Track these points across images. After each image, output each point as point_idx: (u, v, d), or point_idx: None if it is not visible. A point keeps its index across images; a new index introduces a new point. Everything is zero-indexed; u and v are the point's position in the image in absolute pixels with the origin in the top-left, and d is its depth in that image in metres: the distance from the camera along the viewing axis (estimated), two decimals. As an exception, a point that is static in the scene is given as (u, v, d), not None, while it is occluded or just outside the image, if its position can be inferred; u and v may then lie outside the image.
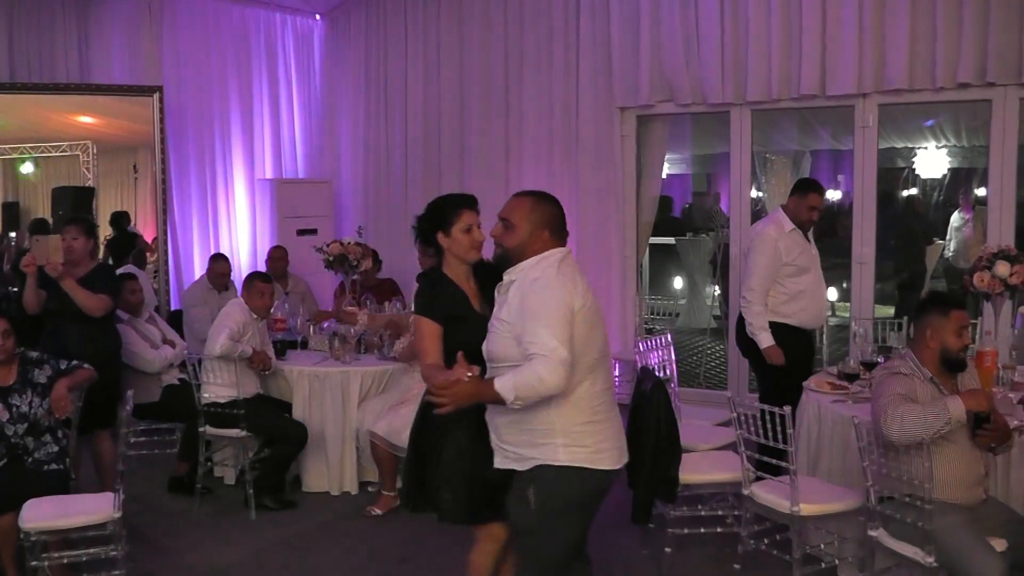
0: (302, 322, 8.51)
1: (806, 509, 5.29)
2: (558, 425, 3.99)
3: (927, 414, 4.56)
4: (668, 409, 5.65)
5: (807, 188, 7.23)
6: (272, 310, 7.88)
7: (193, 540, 6.79)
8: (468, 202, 4.63)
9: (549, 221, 4.10)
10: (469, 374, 3.92)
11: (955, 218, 13.75)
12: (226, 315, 7.53)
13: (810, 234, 7.26)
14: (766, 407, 5.33)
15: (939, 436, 4.60)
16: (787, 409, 5.20)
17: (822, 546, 5.68)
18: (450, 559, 6.29)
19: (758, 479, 5.60)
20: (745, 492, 5.60)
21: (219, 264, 9.38)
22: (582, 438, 4.00)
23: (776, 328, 7.01)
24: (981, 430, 4.69)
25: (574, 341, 3.88)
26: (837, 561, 5.63)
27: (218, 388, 7.31)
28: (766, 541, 5.76)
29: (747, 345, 7.30)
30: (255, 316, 7.59)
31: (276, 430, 7.45)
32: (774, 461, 5.43)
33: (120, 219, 11.00)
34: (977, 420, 4.65)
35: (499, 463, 4.21)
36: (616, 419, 4.17)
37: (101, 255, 9.42)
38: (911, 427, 4.54)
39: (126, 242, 10.26)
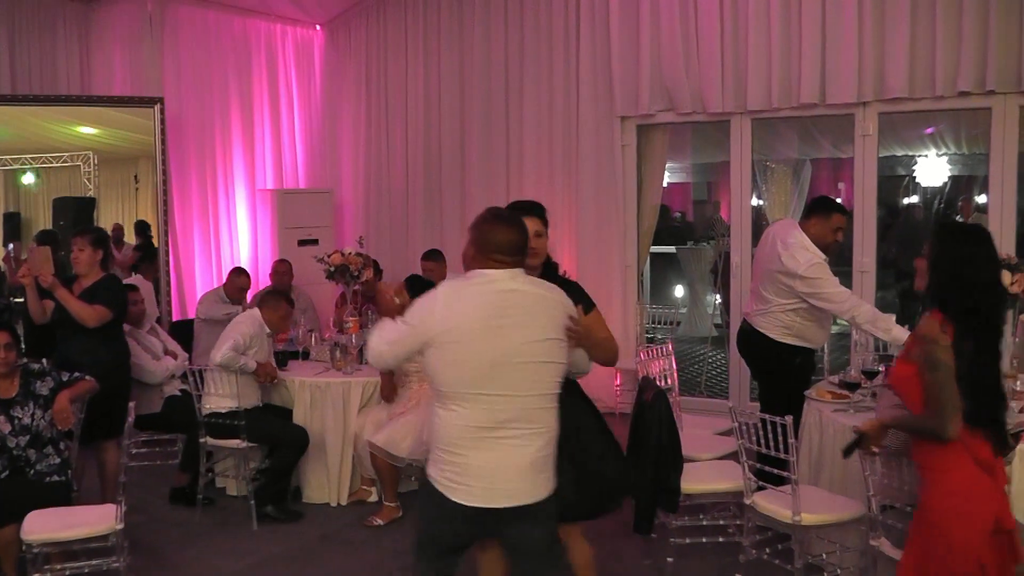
0: (303, 333, 8.52)
1: (807, 519, 5.28)
2: (432, 440, 4.09)
3: None
4: (670, 419, 5.66)
5: (830, 208, 6.84)
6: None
7: (195, 551, 6.78)
8: (527, 209, 4.70)
9: (477, 241, 4.07)
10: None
11: (956, 226, 13.73)
12: (236, 325, 7.54)
13: None
14: (767, 417, 5.31)
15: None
16: (788, 419, 5.19)
17: (824, 556, 5.68)
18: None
19: (759, 489, 5.60)
20: (747, 502, 5.60)
21: (240, 279, 9.43)
22: (440, 462, 4.01)
23: (792, 350, 6.88)
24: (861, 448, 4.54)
25: (424, 360, 4.02)
26: (839, 571, 5.62)
27: (219, 399, 7.30)
28: (768, 551, 5.75)
29: (750, 354, 7.27)
30: (268, 331, 7.62)
31: (276, 437, 7.44)
32: (775, 471, 5.42)
33: (146, 229, 11.08)
34: (858, 442, 4.54)
35: None
36: (494, 459, 3.93)
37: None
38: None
39: (153, 251, 10.40)
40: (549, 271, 4.78)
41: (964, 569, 3.99)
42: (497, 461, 3.92)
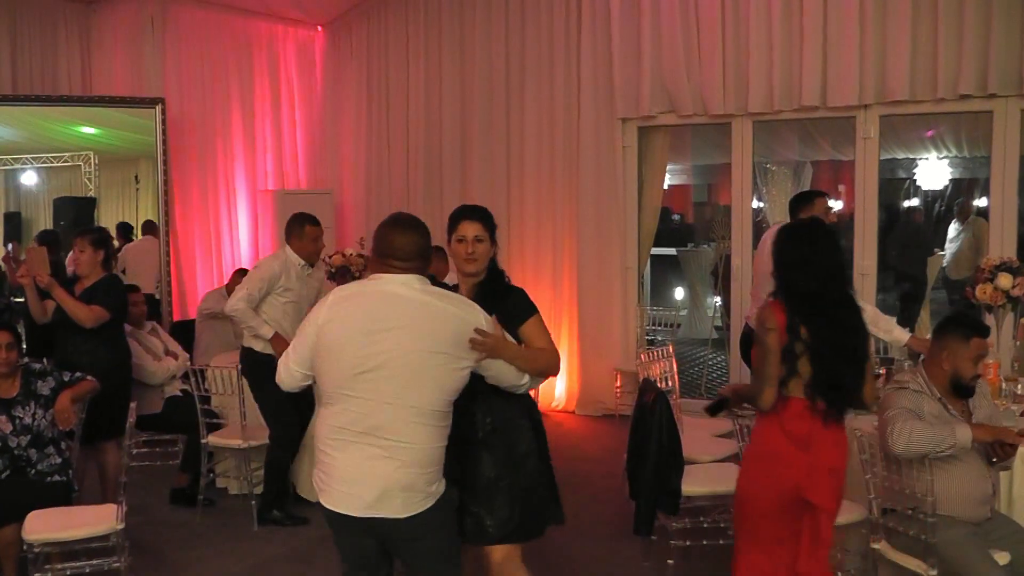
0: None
1: None
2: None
3: (934, 434, 4.56)
4: (670, 421, 5.67)
5: (811, 196, 7.00)
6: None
7: (196, 552, 6.78)
8: (467, 213, 4.52)
9: (374, 245, 3.99)
10: None
11: (952, 229, 13.76)
12: (255, 269, 7.33)
13: None
14: None
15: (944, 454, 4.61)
16: None
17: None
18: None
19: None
20: None
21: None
22: (317, 463, 3.98)
23: None
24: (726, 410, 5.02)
25: (313, 355, 3.93)
26: (839, 574, 5.61)
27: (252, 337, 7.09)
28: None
29: (750, 357, 7.26)
30: (303, 263, 7.20)
31: (273, 415, 7.12)
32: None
33: (129, 231, 11.09)
34: (719, 405, 4.91)
35: None
36: (355, 465, 3.81)
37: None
38: (917, 443, 4.53)
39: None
40: (494, 279, 4.52)
41: (752, 526, 4.61)
42: (358, 467, 3.79)
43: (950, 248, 13.57)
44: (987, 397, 5.15)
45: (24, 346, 6.48)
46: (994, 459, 4.81)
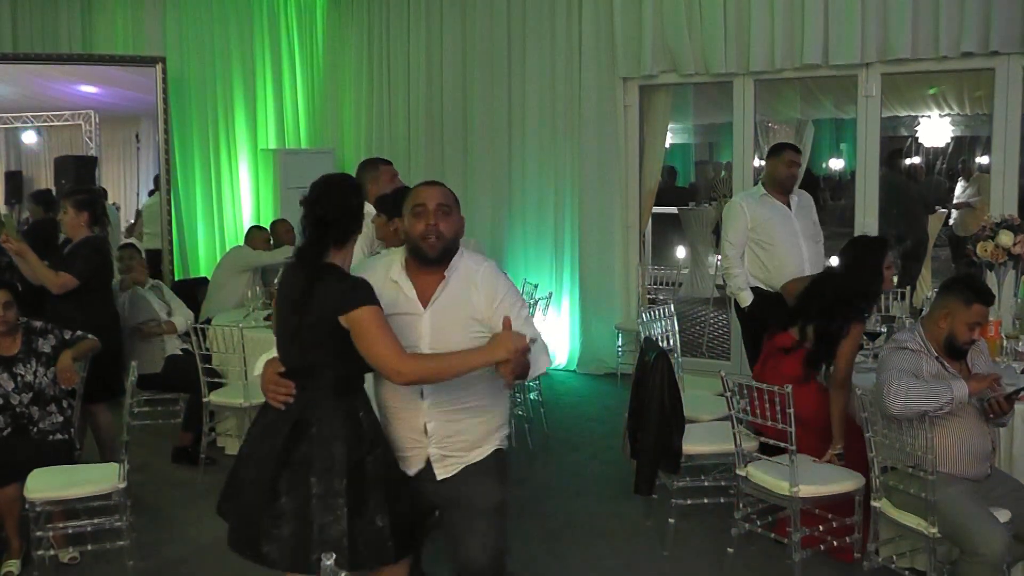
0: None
1: (805, 491, 5.17)
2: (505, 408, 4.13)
3: (930, 392, 4.57)
4: (671, 380, 5.67)
5: (779, 148, 7.16)
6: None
7: (197, 511, 6.78)
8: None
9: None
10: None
11: (959, 187, 13.76)
12: None
13: (793, 201, 7.19)
14: (764, 386, 5.23)
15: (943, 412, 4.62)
16: (788, 388, 5.10)
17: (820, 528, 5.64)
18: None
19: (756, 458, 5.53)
20: (740, 473, 5.49)
21: (262, 233, 9.67)
22: None
23: (765, 297, 6.99)
24: None
25: None
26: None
27: None
28: (760, 523, 5.68)
29: (739, 313, 7.32)
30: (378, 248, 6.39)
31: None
32: (771, 441, 5.34)
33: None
34: None
35: (449, 471, 3.96)
36: None
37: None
38: (914, 402, 4.54)
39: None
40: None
41: None
42: None
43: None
44: (984, 355, 5.15)
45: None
46: (991, 415, 4.82)
